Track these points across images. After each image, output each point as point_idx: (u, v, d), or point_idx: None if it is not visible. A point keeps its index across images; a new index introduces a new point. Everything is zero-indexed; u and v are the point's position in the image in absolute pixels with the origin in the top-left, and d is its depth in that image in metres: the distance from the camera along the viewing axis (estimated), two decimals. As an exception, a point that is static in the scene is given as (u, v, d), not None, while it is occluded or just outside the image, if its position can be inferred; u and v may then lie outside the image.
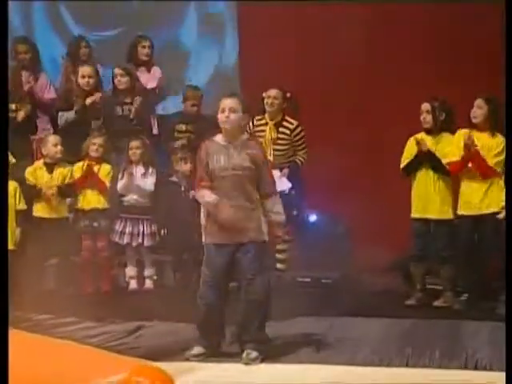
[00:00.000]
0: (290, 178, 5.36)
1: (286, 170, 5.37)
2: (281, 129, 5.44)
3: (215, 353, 3.79)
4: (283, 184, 5.14)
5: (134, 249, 5.38)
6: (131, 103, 5.70)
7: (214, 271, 3.82)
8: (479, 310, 4.58)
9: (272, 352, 3.69)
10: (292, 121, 5.45)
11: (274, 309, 3.83)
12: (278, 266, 5.40)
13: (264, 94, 5.43)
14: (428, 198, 4.91)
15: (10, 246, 4.74)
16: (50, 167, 5.27)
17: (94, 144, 5.32)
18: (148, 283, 5.40)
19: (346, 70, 6.20)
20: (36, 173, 5.28)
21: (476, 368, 3.39)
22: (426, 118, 4.90)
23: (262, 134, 5.45)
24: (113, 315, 4.54)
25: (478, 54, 6.07)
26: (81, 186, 5.29)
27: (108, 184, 5.33)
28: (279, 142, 5.42)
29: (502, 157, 4.65)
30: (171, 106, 6.43)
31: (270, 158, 5.10)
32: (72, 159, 5.39)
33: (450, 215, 4.91)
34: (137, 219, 5.35)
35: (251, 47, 6.66)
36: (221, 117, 3.81)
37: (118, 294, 5.31)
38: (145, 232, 5.33)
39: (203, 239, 3.87)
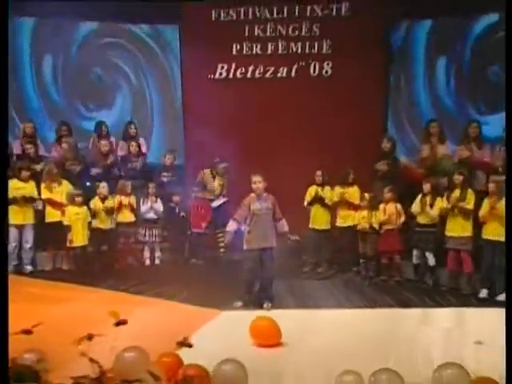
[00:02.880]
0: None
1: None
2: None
3: (248, 305, 6.41)
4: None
5: (150, 243, 9.23)
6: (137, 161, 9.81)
7: (250, 260, 6.46)
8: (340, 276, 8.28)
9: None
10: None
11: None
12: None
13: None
14: (317, 218, 8.64)
15: (86, 242, 8.79)
16: (102, 200, 8.97)
17: (128, 185, 9.17)
18: (157, 261, 9.25)
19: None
20: (95, 203, 8.92)
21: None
22: (320, 178, 8.53)
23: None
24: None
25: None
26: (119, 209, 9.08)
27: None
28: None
29: (357, 195, 8.32)
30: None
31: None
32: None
33: (328, 227, 8.59)
34: (152, 227, 9.21)
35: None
36: (254, 186, 6.41)
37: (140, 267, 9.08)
38: (158, 234, 9.23)
39: (244, 247, 6.52)
